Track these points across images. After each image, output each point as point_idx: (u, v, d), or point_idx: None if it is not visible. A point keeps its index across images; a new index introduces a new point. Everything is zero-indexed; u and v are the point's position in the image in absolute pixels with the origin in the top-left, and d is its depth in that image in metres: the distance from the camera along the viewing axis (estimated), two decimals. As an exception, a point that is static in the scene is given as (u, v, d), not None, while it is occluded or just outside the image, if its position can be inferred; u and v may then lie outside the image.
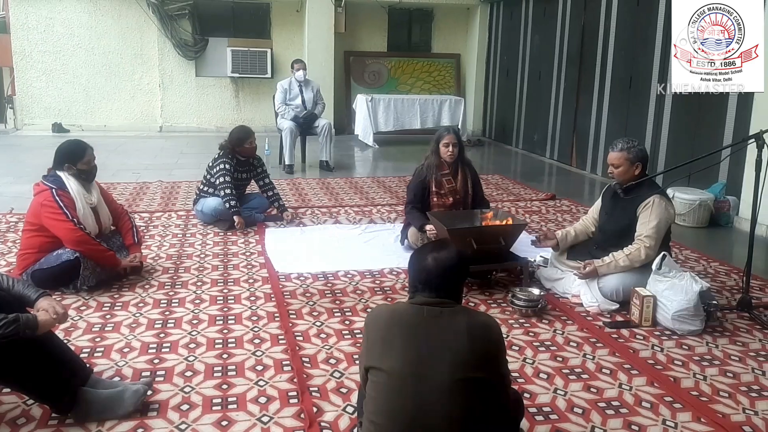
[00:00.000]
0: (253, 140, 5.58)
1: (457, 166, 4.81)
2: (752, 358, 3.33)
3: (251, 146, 5.56)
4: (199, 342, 3.37)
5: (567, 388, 2.98)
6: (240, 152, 5.54)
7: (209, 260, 4.68)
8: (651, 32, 7.24)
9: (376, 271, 4.51)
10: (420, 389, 1.97)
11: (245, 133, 5.55)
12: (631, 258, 3.82)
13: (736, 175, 5.93)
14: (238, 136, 5.54)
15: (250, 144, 5.54)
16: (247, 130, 5.59)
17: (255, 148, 5.62)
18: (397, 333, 2.07)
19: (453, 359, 1.99)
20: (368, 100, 10.66)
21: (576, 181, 8.31)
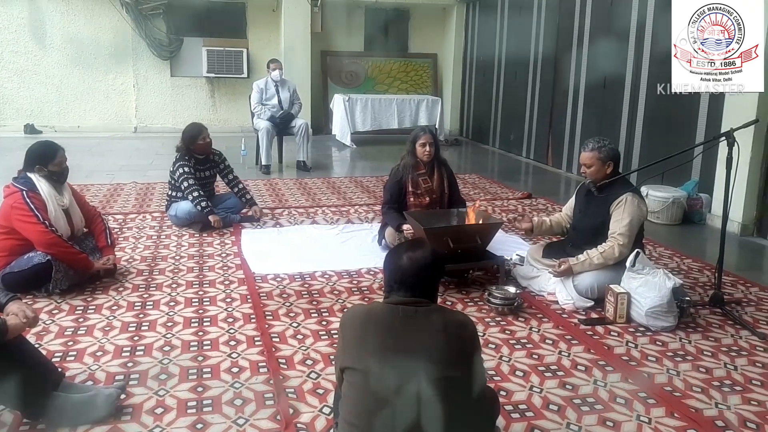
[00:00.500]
0: (206, 135, 5.49)
1: (433, 166, 4.81)
2: (724, 353, 3.38)
3: (205, 142, 5.47)
4: (173, 345, 3.34)
5: (543, 386, 3.00)
6: (195, 150, 5.47)
7: (184, 262, 4.64)
8: (624, 32, 7.31)
9: (353, 271, 4.50)
10: (396, 389, 1.96)
11: (197, 130, 5.47)
12: (605, 256, 3.86)
13: (709, 172, 6.02)
14: (190, 134, 5.46)
15: (203, 140, 5.46)
16: (198, 127, 5.52)
17: (209, 143, 5.53)
18: (372, 333, 2.06)
19: (429, 358, 1.99)
20: (345, 100, 10.65)
21: (552, 180, 8.38)
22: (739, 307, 4.00)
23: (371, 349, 2.02)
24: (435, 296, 2.20)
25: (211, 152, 5.66)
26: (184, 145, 5.46)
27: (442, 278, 4.18)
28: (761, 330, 3.65)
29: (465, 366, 2.06)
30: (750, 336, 3.57)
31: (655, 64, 6.92)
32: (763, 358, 3.32)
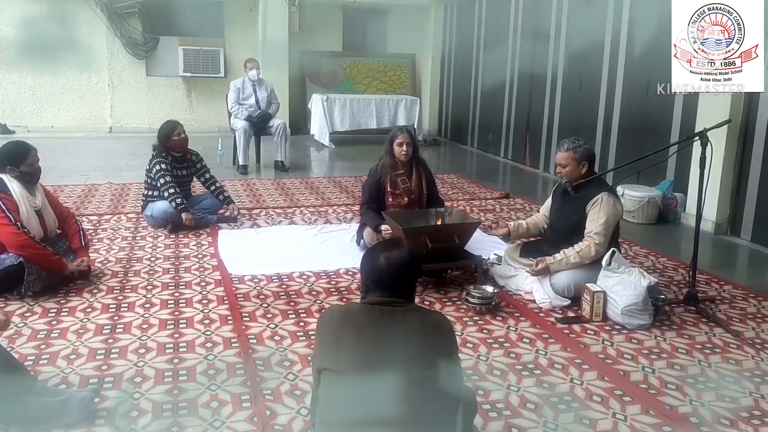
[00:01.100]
0: (181, 132, 5.46)
1: (411, 166, 4.82)
2: (698, 350, 3.42)
3: (180, 138, 5.44)
4: (149, 347, 3.30)
5: (520, 384, 3.01)
6: (171, 147, 5.43)
7: (160, 263, 4.59)
8: (600, 33, 7.38)
9: (331, 271, 4.48)
10: (373, 389, 1.96)
11: (171, 126, 5.44)
12: (581, 255, 3.89)
13: (683, 172, 6.10)
14: (164, 131, 5.44)
15: (178, 135, 5.43)
16: (172, 123, 5.50)
17: (185, 139, 5.50)
18: (349, 334, 2.06)
19: (405, 358, 1.99)
20: (324, 100, 10.62)
21: (529, 180, 8.43)
22: (712, 304, 4.05)
23: (348, 350, 2.02)
24: (412, 296, 2.20)
25: (189, 151, 5.63)
26: (161, 143, 5.43)
27: (420, 278, 4.20)
28: (734, 327, 3.70)
29: (442, 365, 2.06)
30: (723, 333, 3.62)
31: (630, 65, 7.00)
32: (737, 355, 3.37)
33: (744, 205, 5.60)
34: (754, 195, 5.49)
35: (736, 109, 5.43)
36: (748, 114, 5.48)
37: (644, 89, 6.76)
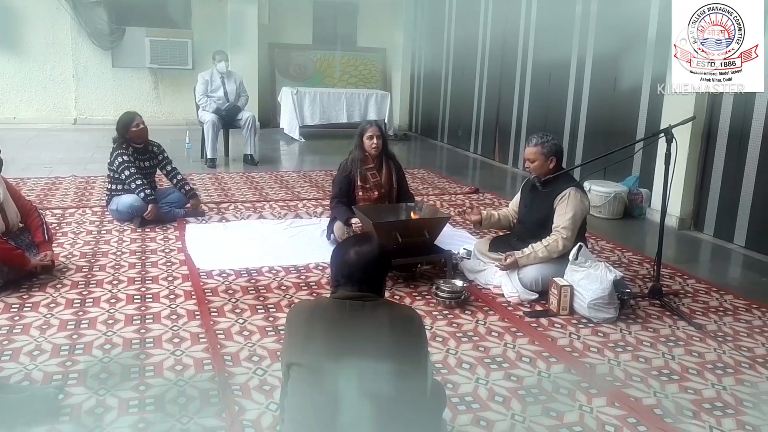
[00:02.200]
0: (140, 122, 5.38)
1: (381, 160, 4.81)
2: (662, 343, 3.49)
3: (139, 129, 5.36)
4: (114, 343, 3.25)
5: (488, 377, 3.04)
6: (131, 138, 5.36)
7: (126, 258, 4.52)
8: (568, 29, 7.46)
9: (301, 266, 4.46)
10: (342, 384, 1.95)
11: (129, 117, 5.37)
12: (549, 249, 3.93)
13: (649, 168, 6.20)
14: (123, 122, 5.37)
15: (137, 126, 5.35)
16: (130, 114, 5.43)
17: (144, 129, 5.43)
18: (318, 328, 2.05)
19: (375, 352, 1.99)
20: (294, 93, 10.55)
21: (499, 175, 8.49)
22: (676, 298, 4.13)
23: (317, 345, 2.01)
24: (382, 290, 2.20)
25: (150, 142, 5.56)
26: (120, 135, 5.36)
27: (390, 272, 4.21)
28: (697, 320, 3.79)
29: (412, 360, 2.06)
30: (687, 326, 3.70)
31: (597, 62, 7.08)
32: (699, 348, 3.45)
33: (707, 201, 5.72)
34: (717, 191, 5.61)
35: (700, 106, 5.54)
36: (712, 111, 5.59)
37: (611, 86, 6.86)
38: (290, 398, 2.05)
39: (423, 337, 2.18)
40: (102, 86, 11.26)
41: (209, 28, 11.46)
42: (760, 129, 5.14)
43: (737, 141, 5.37)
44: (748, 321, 3.83)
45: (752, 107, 5.17)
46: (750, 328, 3.72)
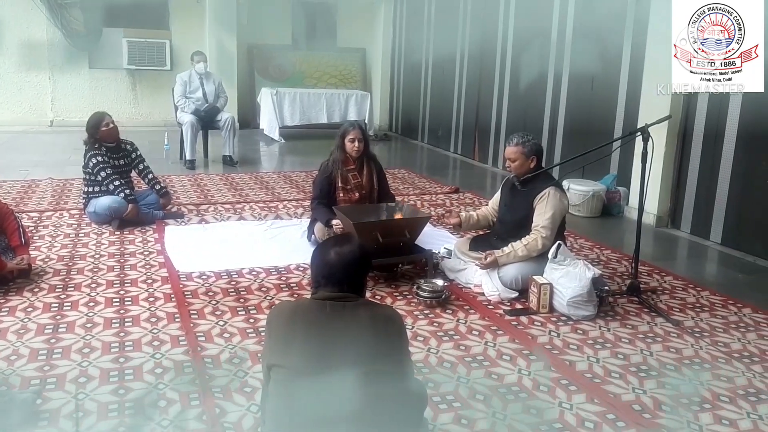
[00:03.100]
0: (110, 122, 5.35)
1: (362, 161, 4.81)
2: (641, 339, 3.53)
3: (108, 128, 5.32)
4: (93, 346, 3.22)
5: (469, 376, 3.05)
6: (101, 138, 5.32)
7: (104, 261, 4.48)
8: (547, 28, 7.51)
9: (282, 267, 4.45)
10: (323, 385, 1.95)
11: (98, 118, 5.35)
12: (528, 248, 3.96)
13: (626, 167, 6.27)
14: (92, 123, 5.34)
15: (107, 126, 5.31)
16: (99, 114, 5.40)
17: (114, 129, 5.39)
18: (299, 329, 2.05)
19: (356, 353, 2.00)
20: (273, 94, 10.51)
21: (478, 175, 8.53)
22: (654, 295, 4.18)
23: (298, 346, 2.01)
24: (363, 291, 2.21)
25: (122, 141, 5.52)
26: (90, 136, 5.32)
27: (371, 273, 4.21)
28: (675, 317, 3.83)
29: (393, 360, 2.07)
30: (665, 323, 3.74)
31: (575, 62, 7.14)
32: (677, 344, 3.49)
33: (683, 199, 5.79)
34: (693, 189, 5.69)
35: (676, 106, 5.60)
36: (688, 111, 5.67)
37: (589, 85, 6.92)
38: (271, 400, 2.05)
39: (404, 337, 2.19)
40: (79, 88, 11.15)
41: (187, 28, 11.41)
42: (734, 128, 5.22)
43: (712, 140, 5.45)
44: (725, 317, 3.88)
45: (727, 106, 5.25)
46: (726, 324, 3.78)
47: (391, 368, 2.05)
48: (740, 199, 5.25)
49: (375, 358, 2.02)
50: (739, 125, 5.19)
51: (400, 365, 2.11)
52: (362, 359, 1.99)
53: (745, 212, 5.22)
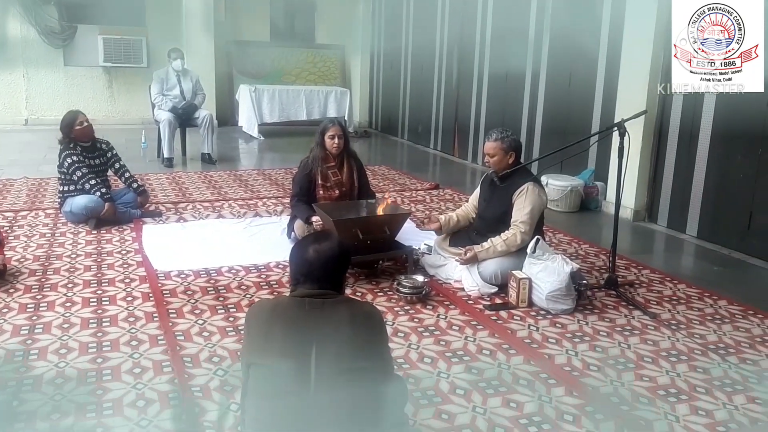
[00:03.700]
0: (84, 120, 5.29)
1: (342, 159, 4.80)
2: (618, 332, 3.57)
3: (83, 127, 5.26)
4: (70, 347, 3.18)
5: (450, 371, 3.07)
6: (76, 137, 5.26)
7: (81, 260, 4.43)
8: (524, 25, 7.55)
9: (261, 265, 4.43)
10: (303, 382, 1.95)
11: (72, 117, 5.28)
12: (507, 243, 3.99)
13: (604, 162, 6.32)
14: (66, 122, 5.27)
15: (81, 125, 5.25)
16: (73, 113, 5.34)
17: (89, 128, 5.33)
18: (278, 327, 2.04)
19: (336, 350, 1.99)
20: (252, 91, 10.45)
21: (458, 171, 8.56)
22: (632, 288, 4.23)
23: (277, 344, 2.00)
24: (342, 288, 2.20)
25: (97, 140, 5.46)
26: (65, 135, 5.26)
27: (351, 270, 4.21)
28: (652, 310, 3.88)
29: (373, 356, 2.07)
30: (642, 316, 3.79)
31: (553, 58, 7.19)
32: (654, 336, 3.53)
33: (660, 193, 5.86)
34: (669, 183, 5.75)
35: (652, 101, 5.67)
36: (664, 106, 5.73)
37: (566, 82, 6.97)
38: (251, 398, 2.04)
39: (383, 333, 2.19)
40: (54, 85, 11.01)
41: (164, 25, 11.29)
42: (709, 123, 5.29)
43: (688, 135, 5.51)
44: (701, 309, 3.94)
45: (702, 102, 5.31)
46: (702, 316, 3.83)
47: (371, 365, 2.05)
48: (715, 193, 5.32)
49: (355, 354, 2.01)
50: (714, 121, 5.26)
51: (380, 361, 2.11)
52: (342, 356, 1.98)
53: (721, 206, 5.29)
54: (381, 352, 2.13)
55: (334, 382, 1.95)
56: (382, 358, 2.12)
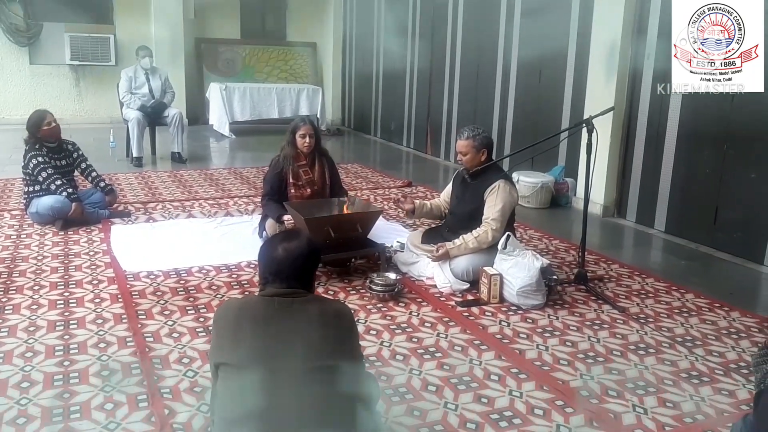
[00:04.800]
0: (52, 120, 5.20)
1: (314, 157, 4.77)
2: (588, 327, 3.61)
3: (50, 127, 5.18)
4: (36, 350, 3.12)
5: (422, 368, 3.07)
6: (42, 138, 5.17)
7: (48, 262, 4.35)
8: (495, 24, 7.59)
9: (232, 264, 4.39)
10: (272, 382, 1.94)
11: (40, 116, 5.19)
12: (479, 240, 4.01)
13: (574, 158, 6.38)
14: (33, 122, 5.18)
15: (49, 125, 5.17)
16: (41, 112, 5.25)
17: (56, 128, 5.26)
18: (246, 327, 2.02)
19: (306, 348, 1.98)
20: (222, 89, 10.35)
21: (431, 168, 8.58)
22: (601, 283, 4.28)
23: (246, 344, 1.99)
24: (312, 286, 2.20)
25: (63, 140, 5.38)
26: (31, 135, 5.16)
27: (323, 268, 4.20)
28: (621, 304, 3.93)
29: (343, 354, 2.06)
30: (611, 310, 3.83)
31: (523, 55, 7.23)
32: (623, 330, 3.58)
33: (629, 189, 5.94)
34: (638, 179, 5.83)
35: (620, 98, 5.75)
36: (631, 102, 5.81)
37: (537, 78, 7.03)
38: (220, 399, 2.02)
39: (354, 331, 2.18)
40: (19, 84, 10.79)
41: (132, 23, 11.13)
42: (676, 120, 5.38)
43: (655, 131, 5.60)
44: (668, 302, 4.00)
45: (669, 99, 5.39)
46: (670, 309, 3.89)
47: (341, 363, 2.04)
48: (682, 188, 5.41)
49: (325, 353, 2.00)
50: (680, 117, 5.34)
51: (351, 360, 2.10)
52: (312, 355, 1.98)
53: (688, 201, 5.38)
54: (351, 350, 2.13)
55: (303, 381, 1.95)
56: (352, 356, 2.12)
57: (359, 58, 11.51)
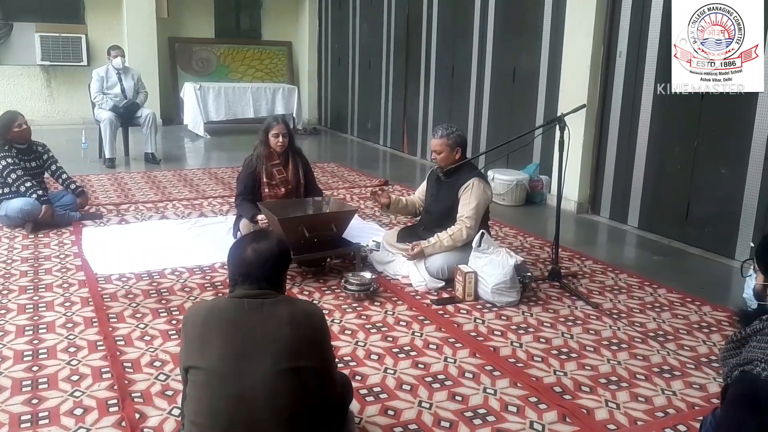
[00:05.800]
0: (23, 122, 5.14)
1: (287, 156, 4.74)
2: (562, 323, 3.63)
3: (21, 129, 5.12)
4: (5, 356, 3.07)
5: (396, 367, 3.07)
6: (13, 139, 5.10)
7: (17, 266, 4.27)
8: (469, 22, 7.61)
9: (206, 266, 4.35)
10: (242, 385, 1.92)
11: (11, 118, 5.12)
12: (453, 238, 4.01)
13: (548, 156, 6.42)
14: (4, 123, 5.10)
15: (20, 127, 5.10)
16: (10, 114, 5.18)
17: (27, 130, 5.19)
18: (216, 329, 2.00)
19: (276, 350, 1.96)
20: (197, 89, 10.25)
21: (407, 167, 8.58)
22: (575, 279, 4.31)
23: (215, 346, 1.96)
24: (282, 287, 2.17)
25: (34, 142, 5.30)
26: (1, 136, 5.07)
27: (298, 268, 4.18)
28: (594, 300, 3.97)
29: (314, 355, 2.04)
30: (585, 306, 3.86)
31: (497, 53, 7.26)
32: (596, 326, 3.61)
33: (602, 185, 5.99)
34: (611, 175, 5.89)
35: (592, 96, 5.79)
36: (604, 100, 5.86)
37: (510, 77, 7.06)
38: (189, 402, 1.99)
39: (325, 332, 2.17)
40: (-12, 85, 10.59)
41: (104, 22, 11.00)
42: (648, 116, 5.43)
43: (627, 128, 5.65)
44: (641, 298, 4.04)
45: (640, 96, 5.45)
46: (642, 305, 3.93)
47: (314, 364, 2.02)
48: (655, 184, 5.47)
49: (296, 354, 1.99)
50: (652, 113, 5.40)
51: (323, 360, 2.09)
52: (282, 356, 1.96)
53: (660, 197, 5.44)
54: (323, 350, 2.11)
55: (274, 383, 1.93)
56: (324, 357, 2.10)
57: (335, 57, 11.48)
